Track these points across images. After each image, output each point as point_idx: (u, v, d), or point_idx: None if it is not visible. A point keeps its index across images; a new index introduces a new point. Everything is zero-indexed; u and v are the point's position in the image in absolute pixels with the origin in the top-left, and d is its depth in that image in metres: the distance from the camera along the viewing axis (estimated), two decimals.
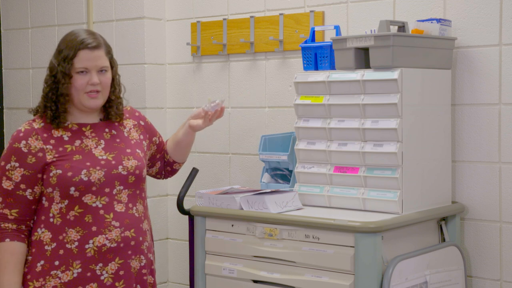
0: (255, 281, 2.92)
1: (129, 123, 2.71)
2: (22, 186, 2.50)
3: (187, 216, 3.29)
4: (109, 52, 2.60)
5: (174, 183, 3.93)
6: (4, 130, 4.46)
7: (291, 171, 3.24)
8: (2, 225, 2.50)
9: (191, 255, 3.21)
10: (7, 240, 2.49)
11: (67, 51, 2.53)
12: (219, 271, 3.00)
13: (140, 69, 3.88)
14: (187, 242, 3.30)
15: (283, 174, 3.32)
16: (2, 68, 4.47)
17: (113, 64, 2.62)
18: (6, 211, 2.50)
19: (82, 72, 2.53)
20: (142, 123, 2.76)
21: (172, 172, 2.90)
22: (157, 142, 2.82)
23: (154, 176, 2.89)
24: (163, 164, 2.86)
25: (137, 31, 3.89)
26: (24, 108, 4.37)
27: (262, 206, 2.89)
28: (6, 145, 2.55)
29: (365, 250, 2.65)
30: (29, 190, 2.51)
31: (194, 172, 3.26)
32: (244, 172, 3.73)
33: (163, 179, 2.92)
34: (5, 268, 2.47)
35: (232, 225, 2.97)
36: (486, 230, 3.11)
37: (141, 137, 2.73)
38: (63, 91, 2.54)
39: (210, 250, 3.04)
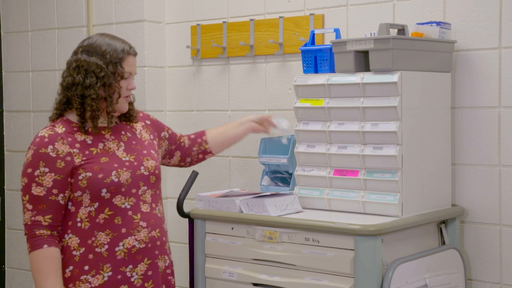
0: (255, 284, 2.92)
1: (138, 125, 2.73)
2: (55, 191, 2.49)
3: (187, 219, 3.28)
4: None
5: (174, 186, 3.93)
6: (4, 133, 4.46)
7: (291, 174, 3.24)
8: (37, 232, 2.48)
9: (191, 258, 3.21)
10: (45, 246, 2.47)
11: (118, 54, 2.54)
12: (219, 274, 3.00)
13: (140, 72, 3.88)
14: (187, 245, 3.30)
15: (283, 177, 3.32)
16: (2, 71, 4.47)
17: None
18: (39, 217, 2.48)
19: (125, 78, 2.56)
20: (148, 122, 2.78)
21: (202, 159, 3.00)
22: (167, 136, 2.86)
23: (177, 165, 2.97)
24: (186, 152, 2.93)
25: (137, 34, 3.89)
26: (24, 111, 4.37)
27: (262, 209, 2.89)
28: (5, 147, 2.54)
29: (365, 253, 2.65)
30: (61, 195, 2.50)
31: (194, 175, 3.26)
32: (244, 175, 3.73)
33: (187, 166, 3.00)
34: (48, 275, 2.46)
35: (232, 228, 2.97)
36: (486, 233, 3.11)
37: (151, 136, 2.75)
38: (113, 94, 2.54)
39: (210, 253, 3.04)
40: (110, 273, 2.50)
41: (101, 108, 2.55)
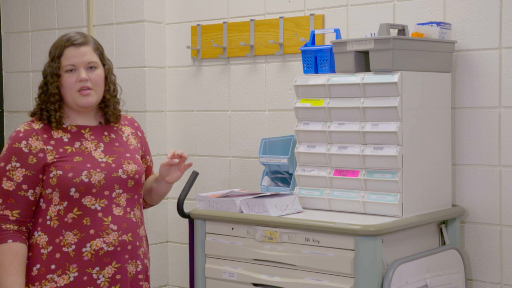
0: (255, 285, 2.92)
1: (127, 129, 2.70)
2: (24, 186, 2.49)
3: (187, 219, 3.28)
4: (97, 49, 2.58)
5: (174, 186, 3.91)
6: (4, 133, 4.46)
7: (291, 174, 3.24)
8: (3, 226, 2.48)
9: (191, 258, 3.21)
10: (10, 241, 2.46)
11: (54, 51, 2.54)
12: (219, 274, 3.00)
13: (140, 72, 3.88)
14: (187, 245, 3.30)
15: (283, 177, 3.32)
16: (3, 71, 4.48)
17: (104, 62, 2.60)
18: (7, 212, 2.48)
19: (70, 71, 2.52)
20: (140, 134, 2.74)
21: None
22: (147, 163, 2.77)
23: None
24: None
25: (137, 34, 3.89)
26: (25, 111, 4.37)
27: (262, 209, 2.89)
28: (5, 147, 2.54)
29: (365, 253, 2.65)
30: (31, 191, 2.50)
31: (194, 175, 3.26)
32: (244, 175, 3.73)
33: None
34: (9, 270, 2.45)
35: (232, 228, 2.97)
36: (486, 233, 3.11)
37: (138, 145, 2.71)
38: (52, 91, 2.52)
39: (210, 253, 3.04)
40: (76, 274, 2.48)
41: (58, 109, 2.54)
